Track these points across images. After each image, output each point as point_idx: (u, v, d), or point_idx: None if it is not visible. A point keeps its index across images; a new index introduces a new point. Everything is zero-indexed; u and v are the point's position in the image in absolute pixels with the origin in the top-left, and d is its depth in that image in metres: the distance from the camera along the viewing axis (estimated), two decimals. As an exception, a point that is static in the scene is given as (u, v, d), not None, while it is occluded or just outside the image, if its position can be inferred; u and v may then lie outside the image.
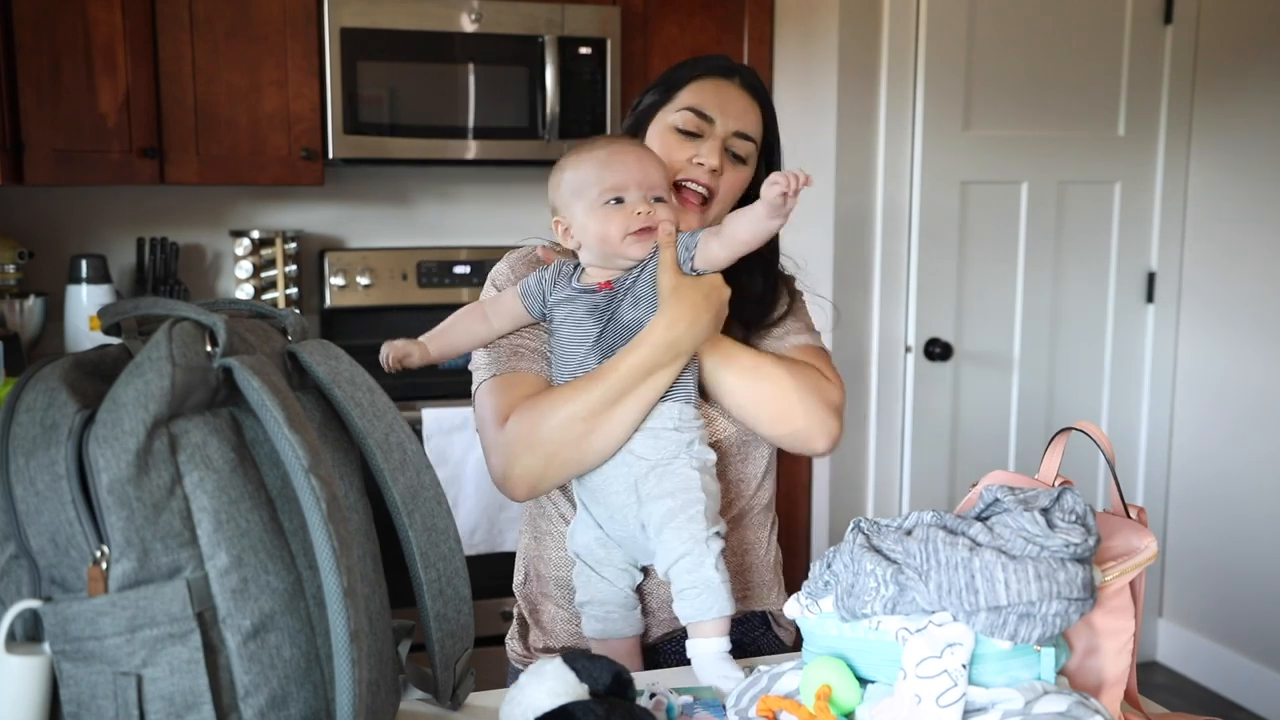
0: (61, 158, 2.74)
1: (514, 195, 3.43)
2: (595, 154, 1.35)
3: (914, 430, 3.25)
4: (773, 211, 1.25)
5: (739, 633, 1.45)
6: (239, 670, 0.86)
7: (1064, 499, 1.01)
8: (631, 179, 1.32)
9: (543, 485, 1.34)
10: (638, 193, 1.32)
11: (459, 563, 1.03)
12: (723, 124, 1.42)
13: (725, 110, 1.42)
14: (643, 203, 1.31)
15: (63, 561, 0.83)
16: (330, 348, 1.01)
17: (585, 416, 1.28)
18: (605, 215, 1.31)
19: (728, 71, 1.47)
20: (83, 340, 2.88)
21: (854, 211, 3.13)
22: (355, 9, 2.86)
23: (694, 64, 1.49)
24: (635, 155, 1.35)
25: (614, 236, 1.31)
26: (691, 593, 1.23)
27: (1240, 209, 3.28)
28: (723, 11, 3.19)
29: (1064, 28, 3.23)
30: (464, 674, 1.08)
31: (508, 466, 1.32)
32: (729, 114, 1.42)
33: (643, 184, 1.32)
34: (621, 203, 1.32)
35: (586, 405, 1.28)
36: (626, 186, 1.32)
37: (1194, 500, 3.46)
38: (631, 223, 1.31)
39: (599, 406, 1.28)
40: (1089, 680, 1.05)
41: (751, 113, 1.45)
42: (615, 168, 1.32)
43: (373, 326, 3.29)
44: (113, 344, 0.95)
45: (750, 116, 1.45)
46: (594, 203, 1.32)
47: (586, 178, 1.33)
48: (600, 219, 1.32)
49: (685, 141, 1.41)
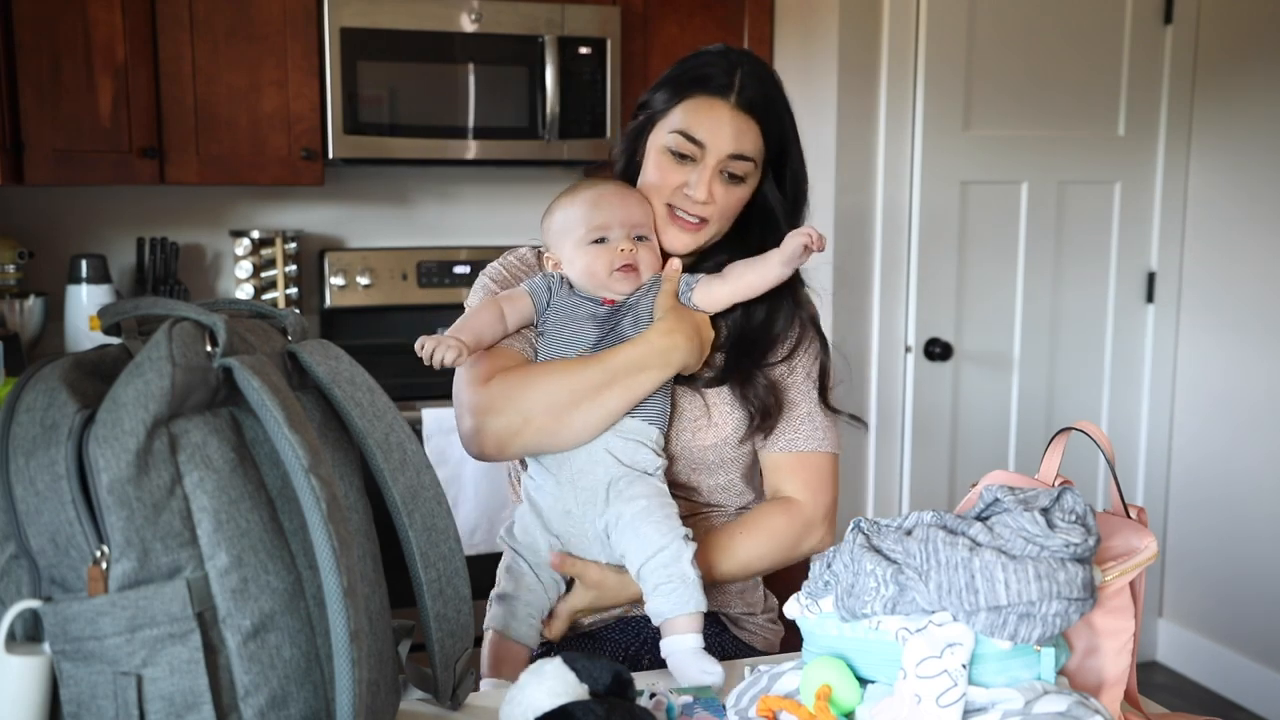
0: (61, 158, 2.74)
1: (514, 195, 3.43)
2: (581, 196, 1.42)
3: (914, 430, 3.25)
4: (789, 261, 1.34)
5: None
6: (239, 670, 0.86)
7: (1064, 499, 1.01)
8: (615, 219, 1.39)
9: (510, 448, 1.36)
10: (620, 231, 1.39)
11: (459, 562, 1.03)
12: (714, 149, 1.40)
13: (716, 135, 1.39)
14: (625, 241, 1.39)
15: (63, 561, 0.83)
16: (330, 348, 1.01)
17: (573, 390, 1.33)
18: (591, 253, 1.39)
19: (723, 89, 1.41)
20: (83, 340, 2.88)
21: (854, 211, 3.13)
22: (355, 9, 2.86)
23: (692, 71, 1.43)
24: (619, 197, 1.41)
25: (600, 272, 1.39)
26: (667, 587, 1.26)
27: (1240, 209, 3.28)
28: (723, 11, 3.19)
29: (1064, 28, 3.23)
30: (464, 674, 1.09)
31: (482, 420, 1.35)
32: (720, 138, 1.39)
33: (625, 223, 1.39)
34: (605, 241, 1.38)
35: (578, 381, 1.33)
36: (610, 226, 1.39)
37: (1194, 500, 3.46)
38: (616, 259, 1.38)
39: (589, 386, 1.33)
40: (1089, 680, 1.05)
41: (747, 133, 1.41)
42: (600, 208, 1.39)
43: (373, 326, 3.29)
44: (113, 344, 0.96)
45: (746, 137, 1.41)
46: (580, 241, 1.39)
47: (573, 218, 1.40)
48: (587, 256, 1.39)
49: (678, 165, 1.41)
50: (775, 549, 1.44)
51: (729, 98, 1.40)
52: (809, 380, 1.46)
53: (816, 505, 1.46)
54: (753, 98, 1.41)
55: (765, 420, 1.43)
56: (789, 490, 1.46)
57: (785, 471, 1.46)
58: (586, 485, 1.34)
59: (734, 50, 1.46)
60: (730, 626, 1.51)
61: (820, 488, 1.46)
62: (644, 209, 1.42)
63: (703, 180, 1.40)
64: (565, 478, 1.35)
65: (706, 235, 1.44)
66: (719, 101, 1.40)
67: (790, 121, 1.46)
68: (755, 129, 1.41)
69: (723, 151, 1.40)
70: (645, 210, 1.42)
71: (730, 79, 1.41)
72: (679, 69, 1.46)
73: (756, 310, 1.44)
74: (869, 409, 3.22)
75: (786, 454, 1.45)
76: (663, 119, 1.43)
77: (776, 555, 1.45)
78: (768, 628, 1.54)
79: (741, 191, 1.43)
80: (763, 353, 1.44)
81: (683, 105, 1.41)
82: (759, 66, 1.44)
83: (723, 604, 1.49)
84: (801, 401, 1.46)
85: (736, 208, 1.44)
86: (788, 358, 1.46)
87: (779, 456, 1.46)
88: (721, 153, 1.40)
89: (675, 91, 1.43)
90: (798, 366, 1.46)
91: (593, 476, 1.34)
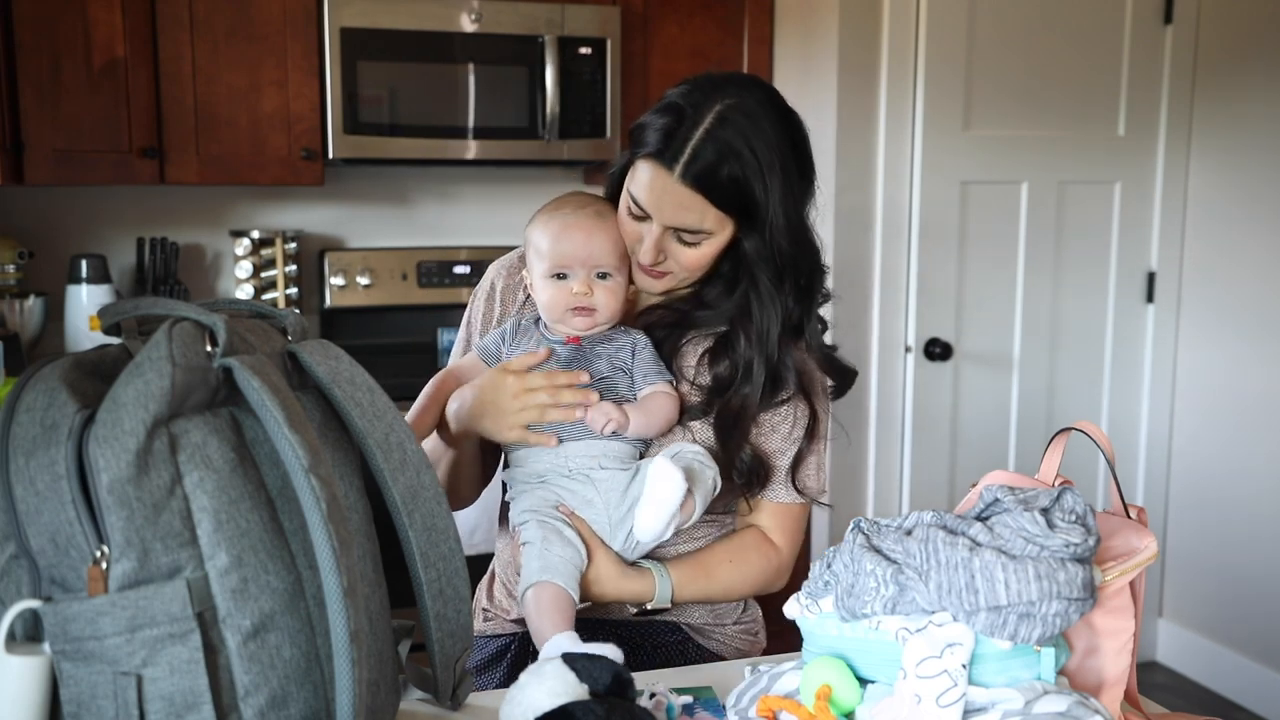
0: (61, 158, 2.74)
1: (514, 195, 3.43)
2: (554, 222, 1.38)
3: (914, 430, 3.25)
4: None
5: (645, 635, 1.44)
6: (239, 670, 0.86)
7: (1064, 499, 1.01)
8: (577, 257, 1.35)
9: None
10: (582, 271, 1.35)
11: (459, 562, 1.03)
12: (659, 221, 1.34)
13: (659, 208, 1.33)
14: (582, 282, 1.35)
15: (63, 561, 0.83)
16: (330, 347, 1.01)
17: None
18: (552, 288, 1.36)
19: (670, 158, 1.30)
20: (83, 340, 2.88)
21: (854, 211, 3.13)
22: (355, 9, 2.86)
23: (650, 125, 1.34)
24: (585, 232, 1.36)
25: (557, 308, 1.36)
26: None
27: (1240, 209, 3.28)
28: (723, 11, 3.19)
29: (1064, 28, 3.23)
30: (464, 674, 1.09)
31: None
32: (664, 212, 1.33)
33: (587, 262, 1.35)
34: (565, 278, 1.36)
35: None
36: (571, 265, 1.35)
37: (1194, 500, 3.46)
38: (570, 300, 1.35)
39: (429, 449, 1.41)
40: (1089, 680, 1.05)
41: (691, 208, 1.31)
42: (564, 242, 1.35)
43: (373, 326, 3.29)
44: (113, 344, 0.96)
45: (691, 213, 1.32)
46: (543, 274, 1.37)
47: (541, 246, 1.37)
48: (549, 290, 1.37)
49: (634, 221, 1.37)
50: (749, 584, 1.44)
51: (673, 169, 1.30)
52: (789, 441, 1.42)
53: (790, 552, 1.46)
54: (702, 170, 1.29)
55: (751, 489, 1.43)
56: (766, 528, 1.45)
57: (764, 515, 1.46)
58: (603, 481, 1.34)
59: (707, 94, 1.32)
60: (693, 635, 1.47)
61: (796, 534, 1.47)
62: (610, 245, 1.36)
63: (649, 245, 1.35)
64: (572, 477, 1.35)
65: (673, 283, 1.41)
66: (662, 171, 1.31)
67: (773, 179, 1.31)
68: (702, 203, 1.31)
69: (666, 223, 1.34)
70: (612, 245, 1.36)
71: (682, 145, 1.30)
72: (646, 116, 1.36)
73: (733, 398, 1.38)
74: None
75: (768, 501, 1.45)
76: (630, 168, 1.38)
77: (747, 590, 1.45)
78: (741, 638, 1.51)
79: (705, 250, 1.36)
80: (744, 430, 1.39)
81: (638, 164, 1.35)
82: (728, 120, 1.29)
83: (680, 613, 1.46)
84: (781, 457, 1.43)
85: (704, 263, 1.37)
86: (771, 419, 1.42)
87: (757, 500, 1.45)
88: (666, 223, 1.34)
89: (634, 144, 1.37)
90: (779, 426, 1.42)
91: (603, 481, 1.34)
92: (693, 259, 1.37)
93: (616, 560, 1.34)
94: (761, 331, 1.38)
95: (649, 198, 1.33)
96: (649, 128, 1.34)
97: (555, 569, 1.28)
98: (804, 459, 1.44)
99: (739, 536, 1.45)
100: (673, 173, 1.30)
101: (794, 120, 1.37)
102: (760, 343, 1.38)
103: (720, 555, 1.42)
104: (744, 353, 1.39)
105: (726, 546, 1.43)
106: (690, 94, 1.33)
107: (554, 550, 1.29)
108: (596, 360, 1.36)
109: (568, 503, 1.34)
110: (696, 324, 1.43)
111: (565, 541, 1.30)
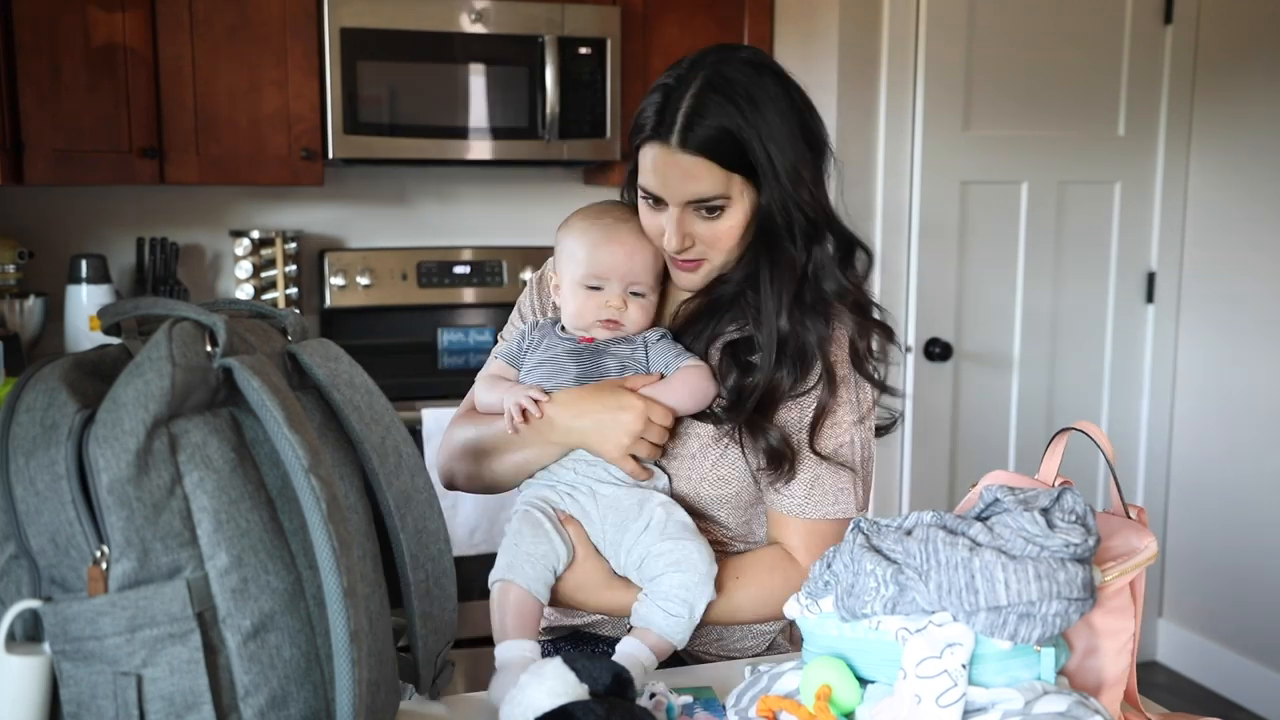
0: (61, 158, 2.74)
1: (514, 195, 3.43)
2: (593, 231, 1.37)
3: (914, 430, 3.25)
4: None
5: None
6: (239, 670, 0.86)
7: (1064, 499, 1.01)
8: (615, 271, 1.35)
9: (459, 487, 1.46)
10: (617, 285, 1.35)
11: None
12: (672, 199, 1.31)
13: (668, 185, 1.30)
14: (617, 296, 1.35)
15: (63, 561, 0.83)
16: (330, 347, 1.01)
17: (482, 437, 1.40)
18: (583, 296, 1.36)
19: (664, 132, 1.29)
20: (83, 340, 2.88)
21: (854, 211, 3.11)
22: (355, 9, 2.86)
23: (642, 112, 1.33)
24: (626, 248, 1.35)
25: (586, 317, 1.36)
26: (672, 608, 1.24)
27: (1240, 209, 3.28)
28: (723, 11, 3.19)
29: (1064, 28, 3.23)
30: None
31: (439, 460, 1.47)
32: (673, 188, 1.30)
33: (625, 277, 1.35)
34: (599, 290, 1.35)
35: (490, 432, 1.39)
36: (608, 277, 1.35)
37: (1194, 500, 3.46)
38: (602, 313, 1.35)
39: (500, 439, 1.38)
40: (1089, 680, 1.05)
41: (701, 176, 1.29)
42: (602, 255, 1.35)
43: (373, 326, 3.29)
44: (113, 344, 0.96)
45: (700, 180, 1.29)
46: (576, 281, 1.36)
47: (579, 253, 1.36)
48: (579, 299, 1.36)
49: (653, 212, 1.34)
50: (765, 606, 1.33)
51: (670, 141, 1.29)
52: (808, 411, 1.34)
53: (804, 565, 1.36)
54: (698, 132, 1.28)
55: (776, 470, 1.33)
56: (792, 547, 1.36)
57: (789, 530, 1.36)
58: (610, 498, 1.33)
59: (691, 65, 1.31)
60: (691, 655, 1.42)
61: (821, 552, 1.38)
62: (647, 262, 1.36)
63: (672, 230, 1.32)
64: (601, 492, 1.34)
65: (708, 270, 1.37)
66: (662, 148, 1.30)
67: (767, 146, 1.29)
68: (709, 166, 1.29)
69: (679, 199, 1.31)
70: (649, 263, 1.36)
71: (673, 117, 1.29)
72: (640, 106, 1.35)
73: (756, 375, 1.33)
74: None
75: (794, 518, 1.35)
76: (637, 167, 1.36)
77: (764, 612, 1.34)
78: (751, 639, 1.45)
79: (729, 221, 1.32)
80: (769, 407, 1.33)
81: (639, 153, 1.34)
82: (713, 82, 1.28)
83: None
84: (809, 462, 1.34)
85: (732, 235, 1.33)
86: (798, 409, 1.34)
87: (783, 516, 1.36)
88: (679, 200, 1.31)
89: (633, 136, 1.36)
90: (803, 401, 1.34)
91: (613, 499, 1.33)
92: (719, 233, 1.33)
93: (605, 570, 1.31)
94: (778, 288, 1.32)
95: (655, 178, 1.31)
96: (642, 113, 1.34)
97: (519, 568, 1.27)
98: (823, 418, 1.33)
99: (753, 553, 1.37)
100: (671, 145, 1.29)
101: (780, 72, 1.34)
102: (776, 298, 1.32)
103: (729, 575, 1.32)
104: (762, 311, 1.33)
105: (737, 566, 1.34)
106: (675, 70, 1.33)
107: (523, 547, 1.27)
108: (606, 359, 1.36)
109: (566, 509, 1.33)
110: (719, 304, 1.38)
111: (540, 538, 1.28)
